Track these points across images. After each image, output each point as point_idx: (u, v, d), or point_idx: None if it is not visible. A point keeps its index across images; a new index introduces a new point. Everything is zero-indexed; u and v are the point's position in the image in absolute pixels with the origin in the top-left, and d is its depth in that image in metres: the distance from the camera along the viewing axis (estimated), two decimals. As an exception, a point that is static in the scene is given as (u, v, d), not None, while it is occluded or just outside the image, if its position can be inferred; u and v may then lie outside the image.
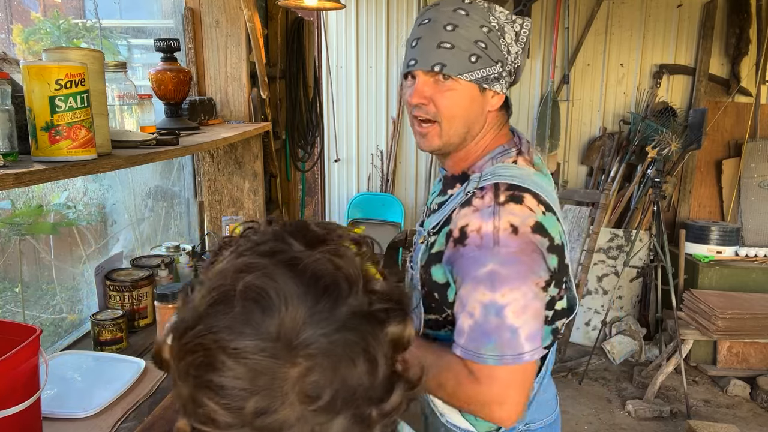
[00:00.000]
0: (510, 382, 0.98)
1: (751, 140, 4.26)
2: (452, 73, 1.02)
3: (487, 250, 0.96)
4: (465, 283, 1.00)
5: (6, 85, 1.02)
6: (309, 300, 0.50)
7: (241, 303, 0.50)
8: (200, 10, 2.37)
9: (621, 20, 4.38)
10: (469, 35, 1.01)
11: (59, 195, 1.85)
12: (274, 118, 2.93)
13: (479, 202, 1.01)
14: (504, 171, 1.04)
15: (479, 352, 0.97)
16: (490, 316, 0.96)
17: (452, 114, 1.05)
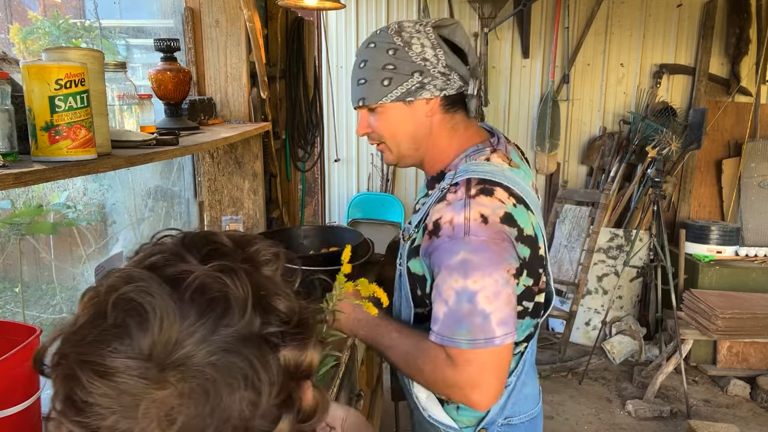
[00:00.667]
0: (484, 366, 1.03)
1: (751, 140, 4.26)
2: (372, 102, 1.15)
3: (459, 240, 1.02)
4: (440, 272, 1.05)
5: (6, 84, 1.02)
6: (188, 318, 0.46)
7: (113, 316, 0.46)
8: (200, 10, 2.37)
9: (621, 20, 4.38)
10: (376, 64, 1.12)
11: (59, 195, 1.85)
12: (274, 118, 2.93)
13: (452, 197, 1.08)
14: (476, 167, 1.11)
15: (453, 338, 1.03)
16: (463, 302, 1.02)
17: (391, 133, 1.18)
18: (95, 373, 0.45)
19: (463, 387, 1.04)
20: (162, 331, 0.45)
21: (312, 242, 2.18)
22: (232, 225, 2.47)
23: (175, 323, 0.46)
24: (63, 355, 0.47)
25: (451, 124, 1.19)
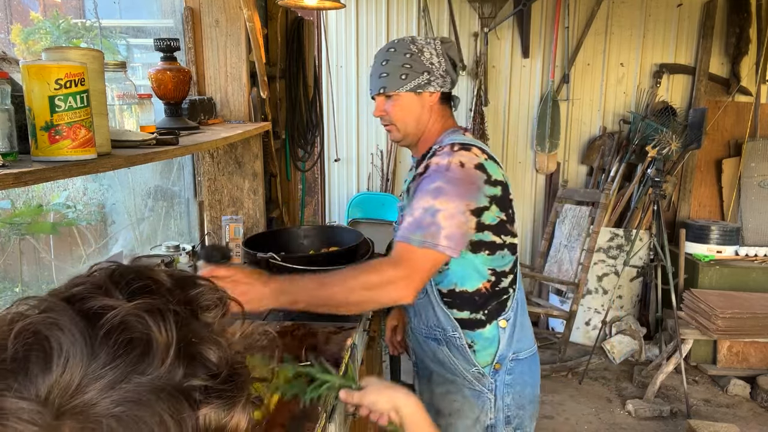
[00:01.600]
0: (421, 265, 1.30)
1: (751, 140, 4.26)
2: (391, 91, 1.49)
3: (439, 172, 1.35)
4: (414, 196, 1.35)
5: (6, 84, 1.02)
6: (98, 359, 0.41)
7: (14, 348, 0.41)
8: (200, 10, 2.37)
9: (621, 20, 4.38)
10: (396, 63, 1.48)
11: (59, 195, 1.85)
12: (274, 118, 2.93)
13: (441, 151, 1.41)
14: (456, 137, 1.48)
15: (409, 237, 1.30)
16: (427, 215, 1.31)
17: (401, 117, 1.51)
18: None
19: (398, 280, 1.28)
20: (65, 372, 0.40)
21: (312, 242, 2.18)
22: (231, 225, 2.47)
23: (81, 364, 0.40)
24: None
25: (441, 114, 1.55)
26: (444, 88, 1.53)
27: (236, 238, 2.47)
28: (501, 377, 1.50)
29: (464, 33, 4.44)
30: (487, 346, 1.49)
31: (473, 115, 4.43)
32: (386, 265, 1.31)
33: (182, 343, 0.43)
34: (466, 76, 4.48)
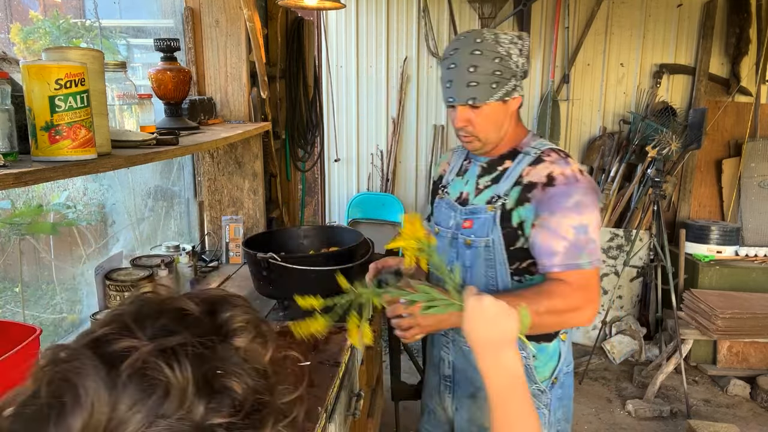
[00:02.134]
0: (594, 284, 1.34)
1: (751, 140, 4.26)
2: (480, 102, 1.37)
3: (572, 185, 1.33)
4: (554, 215, 1.32)
5: (6, 84, 1.02)
6: (122, 403, 0.43)
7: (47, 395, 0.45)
8: (200, 10, 2.37)
9: (621, 20, 4.38)
10: (487, 70, 1.35)
11: (59, 195, 1.85)
12: (274, 118, 2.93)
13: (550, 158, 1.38)
14: (548, 142, 1.46)
15: (578, 262, 1.31)
16: (580, 234, 1.31)
17: (485, 127, 1.41)
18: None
19: (583, 306, 1.31)
20: (92, 416, 0.42)
21: (312, 242, 2.18)
22: (231, 225, 2.47)
23: (106, 408, 0.42)
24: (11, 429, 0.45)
25: (517, 115, 1.48)
26: (521, 93, 1.45)
27: (236, 238, 2.47)
28: (555, 392, 1.48)
29: (464, 33, 4.43)
30: (548, 360, 1.47)
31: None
32: (569, 291, 1.30)
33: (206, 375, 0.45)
34: (466, 76, 4.47)
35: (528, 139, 1.48)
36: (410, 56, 4.49)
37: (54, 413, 0.43)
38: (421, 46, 4.47)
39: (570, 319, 1.35)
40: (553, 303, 1.30)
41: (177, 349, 0.45)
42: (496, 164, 1.47)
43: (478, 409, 1.49)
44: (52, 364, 0.46)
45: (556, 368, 1.47)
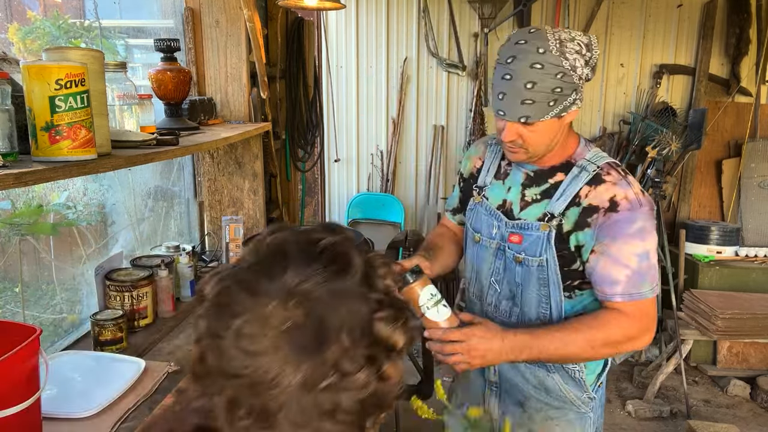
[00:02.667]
0: (653, 311, 1.29)
1: (751, 140, 4.26)
2: (535, 120, 1.24)
3: (636, 210, 1.26)
4: (616, 242, 1.26)
5: (6, 85, 1.02)
6: (314, 265, 0.60)
7: (263, 257, 0.63)
8: (200, 10, 2.37)
9: (621, 20, 4.38)
10: (546, 87, 1.21)
11: (59, 195, 1.85)
12: (274, 118, 2.93)
13: (611, 178, 1.29)
14: (603, 154, 1.35)
15: (641, 291, 1.27)
16: (643, 262, 1.26)
17: (536, 142, 1.29)
18: (248, 292, 0.59)
19: (641, 335, 1.28)
20: (293, 272, 0.59)
21: (312, 242, 2.18)
22: (232, 225, 2.47)
23: (301, 268, 0.60)
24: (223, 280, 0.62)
25: (569, 124, 1.35)
26: (580, 104, 1.31)
27: (236, 238, 2.47)
28: (599, 393, 1.49)
29: (464, 33, 4.44)
30: (595, 368, 1.46)
31: (473, 116, 4.43)
32: (626, 321, 1.28)
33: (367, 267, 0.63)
34: (466, 76, 4.48)
35: (581, 150, 1.36)
36: (410, 56, 4.49)
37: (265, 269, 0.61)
38: (421, 46, 4.47)
39: (625, 347, 1.34)
40: (609, 334, 1.28)
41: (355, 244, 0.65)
42: (546, 176, 1.36)
43: (527, 417, 1.48)
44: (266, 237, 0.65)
45: (601, 373, 1.48)
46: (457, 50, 4.44)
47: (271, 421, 0.58)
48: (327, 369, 0.57)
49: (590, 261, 1.29)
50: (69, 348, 1.65)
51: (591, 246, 1.29)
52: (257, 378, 0.57)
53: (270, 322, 0.57)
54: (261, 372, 0.57)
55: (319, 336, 0.58)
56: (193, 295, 2.05)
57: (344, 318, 0.59)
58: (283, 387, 0.57)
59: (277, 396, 0.57)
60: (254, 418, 0.58)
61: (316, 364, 0.57)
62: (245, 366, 0.57)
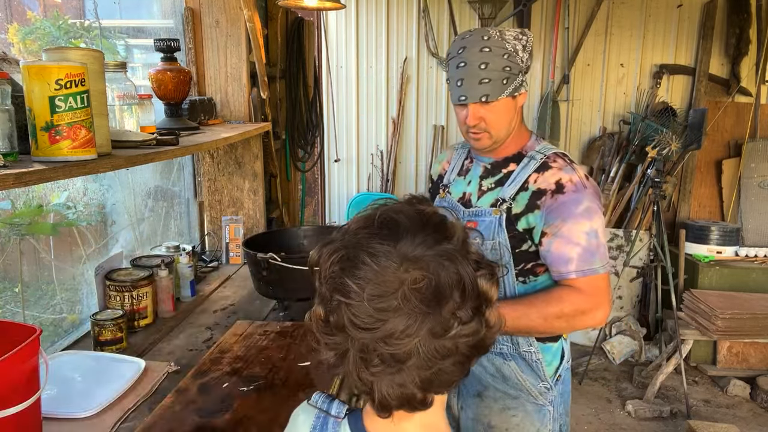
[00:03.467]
0: (605, 287, 1.36)
1: (751, 140, 4.26)
2: (493, 98, 1.37)
3: (581, 192, 1.35)
4: (566, 223, 1.34)
5: (6, 85, 1.02)
6: (423, 232, 0.70)
7: (378, 225, 0.71)
8: (200, 10, 2.37)
9: (621, 20, 4.38)
10: (497, 66, 1.36)
11: (59, 195, 1.85)
12: (274, 118, 2.93)
13: (557, 164, 1.39)
14: (552, 147, 1.47)
15: (592, 267, 1.34)
16: (592, 239, 1.34)
17: (497, 123, 1.41)
18: (368, 254, 0.68)
19: (593, 309, 1.34)
20: (408, 238, 0.69)
21: (312, 242, 2.18)
22: (232, 225, 2.47)
23: (417, 234, 0.69)
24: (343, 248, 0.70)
25: (521, 113, 1.48)
26: (527, 88, 1.46)
27: (236, 238, 2.47)
28: (558, 388, 1.51)
29: (464, 33, 4.44)
30: (552, 359, 1.48)
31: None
32: (577, 295, 1.34)
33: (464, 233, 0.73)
34: (466, 76, 4.47)
35: (532, 143, 1.48)
36: (410, 56, 4.49)
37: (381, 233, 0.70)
38: (421, 46, 4.47)
39: (580, 323, 1.37)
40: (562, 308, 1.33)
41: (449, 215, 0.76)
42: (501, 166, 1.47)
43: (485, 408, 1.50)
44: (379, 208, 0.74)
45: (559, 366, 1.49)
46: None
47: (400, 366, 0.68)
48: (448, 320, 0.67)
49: (544, 244, 1.37)
50: (69, 348, 1.65)
51: (541, 228, 1.37)
52: (388, 331, 0.66)
53: (397, 284, 0.66)
54: (392, 326, 0.66)
55: (438, 293, 0.67)
56: (193, 295, 2.05)
57: (455, 277, 0.68)
58: (412, 338, 0.66)
59: (406, 345, 0.66)
60: (385, 364, 0.68)
61: (438, 316, 0.67)
62: (378, 321, 0.66)
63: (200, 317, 1.93)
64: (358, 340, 0.68)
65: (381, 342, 0.67)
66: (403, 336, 0.66)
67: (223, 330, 1.80)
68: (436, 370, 0.69)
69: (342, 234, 0.73)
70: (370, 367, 0.69)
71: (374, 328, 0.67)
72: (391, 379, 0.69)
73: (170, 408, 1.31)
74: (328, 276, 0.70)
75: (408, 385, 0.69)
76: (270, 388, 1.41)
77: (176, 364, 1.55)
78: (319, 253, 0.73)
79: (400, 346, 0.67)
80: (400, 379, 0.69)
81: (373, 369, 0.69)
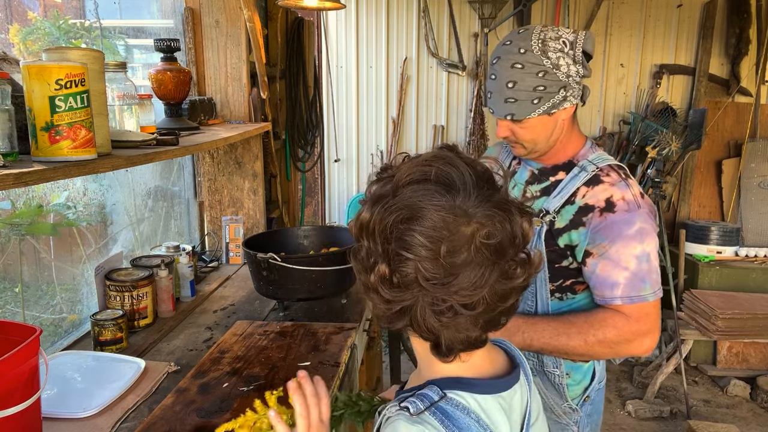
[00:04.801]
0: (656, 314, 1.27)
1: (751, 140, 4.26)
2: (520, 118, 1.28)
3: (634, 212, 1.25)
4: (614, 244, 1.24)
5: (6, 85, 1.02)
6: (478, 186, 0.72)
7: (435, 181, 0.72)
8: (200, 10, 2.37)
9: (621, 20, 4.38)
10: (527, 86, 1.25)
11: (59, 195, 1.85)
12: (274, 118, 2.93)
13: (609, 179, 1.29)
14: (607, 157, 1.35)
15: (641, 294, 1.24)
16: (643, 263, 1.24)
17: (530, 140, 1.32)
18: (434, 210, 0.69)
19: (640, 337, 1.25)
20: (465, 191, 0.71)
21: (312, 242, 2.18)
22: (232, 225, 2.47)
23: (472, 189, 0.72)
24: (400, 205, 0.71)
25: (571, 122, 1.36)
26: (579, 96, 1.31)
27: (236, 238, 2.47)
28: (585, 408, 1.44)
29: (464, 33, 4.44)
30: (581, 379, 1.41)
31: (473, 116, 4.43)
32: (623, 323, 1.25)
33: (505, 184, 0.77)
34: (466, 76, 4.48)
35: (585, 151, 1.36)
36: (410, 56, 4.49)
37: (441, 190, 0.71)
38: (421, 46, 4.47)
39: (625, 350, 1.28)
40: (605, 333, 1.25)
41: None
42: (549, 174, 1.38)
43: None
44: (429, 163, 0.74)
45: (588, 387, 1.42)
46: (457, 50, 4.44)
47: (470, 314, 0.71)
48: (510, 266, 0.72)
49: (588, 264, 1.28)
50: (69, 348, 1.65)
51: (584, 246, 1.27)
52: (461, 284, 0.69)
53: (467, 238, 0.69)
54: (465, 278, 0.69)
55: (501, 243, 0.71)
56: (193, 295, 2.05)
57: (511, 226, 0.72)
58: (483, 288, 0.70)
59: (477, 294, 0.70)
60: (456, 313, 0.71)
61: (504, 264, 0.71)
62: (450, 275, 0.69)
63: (200, 317, 1.93)
64: (431, 293, 0.70)
65: (454, 294, 0.70)
66: (475, 287, 0.70)
67: (223, 330, 1.80)
68: (497, 312, 0.74)
69: (391, 191, 0.73)
70: (441, 318, 0.72)
71: (447, 282, 0.69)
72: (458, 325, 0.73)
73: (170, 408, 1.31)
74: (391, 233, 0.71)
75: (472, 329, 0.74)
76: (270, 388, 1.41)
77: (176, 364, 1.55)
78: (371, 211, 0.73)
79: (472, 296, 0.70)
80: (466, 324, 0.73)
81: (444, 319, 0.72)
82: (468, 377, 0.79)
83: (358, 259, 0.77)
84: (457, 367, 0.79)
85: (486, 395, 0.77)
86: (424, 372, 0.82)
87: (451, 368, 0.79)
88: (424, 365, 0.83)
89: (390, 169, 0.79)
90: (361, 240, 0.76)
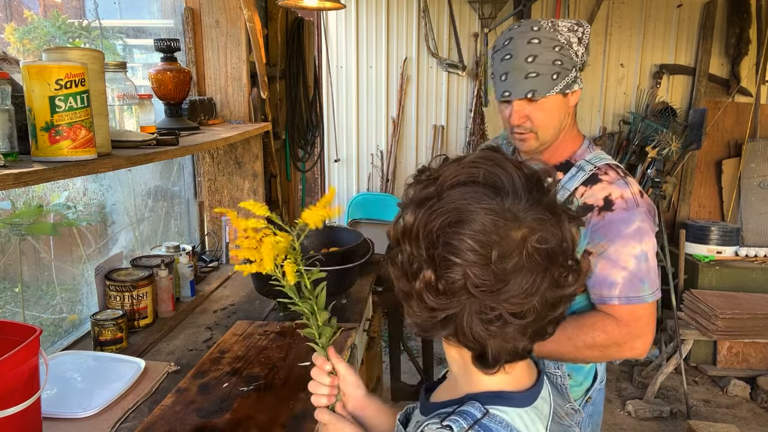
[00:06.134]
0: (648, 317, 1.24)
1: (751, 140, 4.26)
2: (541, 95, 1.24)
3: (633, 210, 1.22)
4: (613, 243, 1.22)
5: (6, 85, 1.02)
6: (527, 189, 0.68)
7: (483, 183, 0.68)
8: (200, 10, 2.37)
9: (621, 20, 4.38)
10: (547, 60, 1.22)
11: (59, 195, 1.85)
12: (274, 118, 2.93)
13: (608, 177, 1.26)
14: (605, 156, 1.33)
15: (639, 295, 1.22)
16: (641, 263, 1.21)
17: (545, 123, 1.28)
18: (484, 214, 0.66)
19: (630, 341, 1.23)
20: (513, 194, 0.68)
21: (312, 242, 2.18)
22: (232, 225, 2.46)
23: (521, 191, 0.68)
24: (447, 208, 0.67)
25: (574, 113, 1.34)
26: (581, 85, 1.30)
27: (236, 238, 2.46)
28: (587, 409, 1.42)
29: (464, 33, 4.44)
30: (583, 380, 1.39)
31: (473, 116, 4.43)
32: (613, 326, 1.22)
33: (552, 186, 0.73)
34: (466, 76, 4.48)
35: (583, 150, 1.34)
36: (410, 56, 4.49)
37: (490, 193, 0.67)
38: (421, 46, 4.47)
39: (616, 353, 1.26)
40: (594, 337, 1.22)
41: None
42: None
43: None
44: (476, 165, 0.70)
45: (590, 388, 1.41)
46: (457, 50, 4.44)
47: (519, 322, 0.68)
48: (562, 274, 0.68)
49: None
50: (69, 348, 1.65)
51: (584, 246, 1.25)
52: (512, 291, 0.66)
53: (519, 243, 0.66)
54: (516, 285, 0.66)
55: (552, 249, 0.67)
56: (193, 295, 2.05)
57: (561, 231, 0.69)
58: (534, 296, 0.66)
59: (528, 302, 0.66)
60: (506, 322, 0.67)
61: (555, 271, 0.68)
62: (500, 282, 0.66)
63: (200, 317, 1.93)
64: (479, 300, 0.66)
65: (503, 302, 0.66)
66: (527, 294, 0.66)
67: (223, 330, 1.80)
68: (546, 321, 0.70)
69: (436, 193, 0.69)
70: (489, 327, 0.67)
71: (497, 289, 0.66)
72: (505, 335, 0.68)
73: (170, 408, 1.31)
74: (438, 238, 0.67)
75: (519, 339, 0.69)
76: (270, 388, 1.41)
77: (176, 364, 1.55)
78: (414, 215, 0.69)
79: (522, 305, 0.66)
80: (514, 334, 0.68)
81: (493, 328, 0.67)
82: (509, 390, 0.75)
83: (397, 265, 0.73)
84: (500, 380, 0.75)
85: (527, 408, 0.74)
86: (462, 384, 0.77)
87: (494, 381, 0.75)
88: (462, 377, 0.78)
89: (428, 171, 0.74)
90: (402, 245, 0.72)
